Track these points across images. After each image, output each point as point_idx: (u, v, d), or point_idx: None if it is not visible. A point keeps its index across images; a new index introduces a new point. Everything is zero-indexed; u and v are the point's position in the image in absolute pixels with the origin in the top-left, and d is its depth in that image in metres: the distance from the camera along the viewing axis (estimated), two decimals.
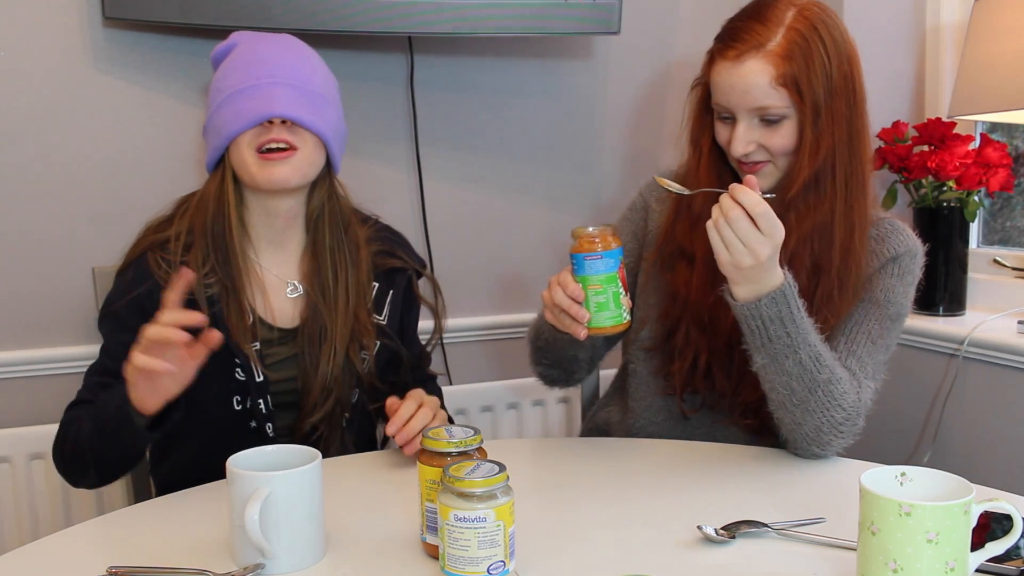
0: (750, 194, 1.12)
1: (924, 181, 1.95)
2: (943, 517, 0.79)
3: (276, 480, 0.93)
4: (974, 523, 0.82)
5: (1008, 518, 0.85)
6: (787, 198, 1.26)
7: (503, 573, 0.87)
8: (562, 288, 1.18)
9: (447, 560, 0.87)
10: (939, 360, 1.92)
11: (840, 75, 1.25)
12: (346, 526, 1.05)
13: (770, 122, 1.25)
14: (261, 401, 1.32)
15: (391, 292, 1.45)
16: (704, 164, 1.34)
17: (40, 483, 1.78)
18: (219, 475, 1.13)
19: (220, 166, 1.35)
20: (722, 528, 1.01)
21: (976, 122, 2.04)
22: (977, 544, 0.84)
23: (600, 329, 1.18)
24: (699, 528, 1.00)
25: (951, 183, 1.91)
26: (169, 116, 1.85)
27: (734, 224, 1.12)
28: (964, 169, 1.88)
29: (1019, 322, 1.79)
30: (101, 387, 1.29)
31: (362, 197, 1.49)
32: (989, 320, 1.87)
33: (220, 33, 1.45)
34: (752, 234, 1.11)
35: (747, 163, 1.29)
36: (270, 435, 1.34)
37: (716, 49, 1.28)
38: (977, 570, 0.87)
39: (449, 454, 0.93)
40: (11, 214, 1.76)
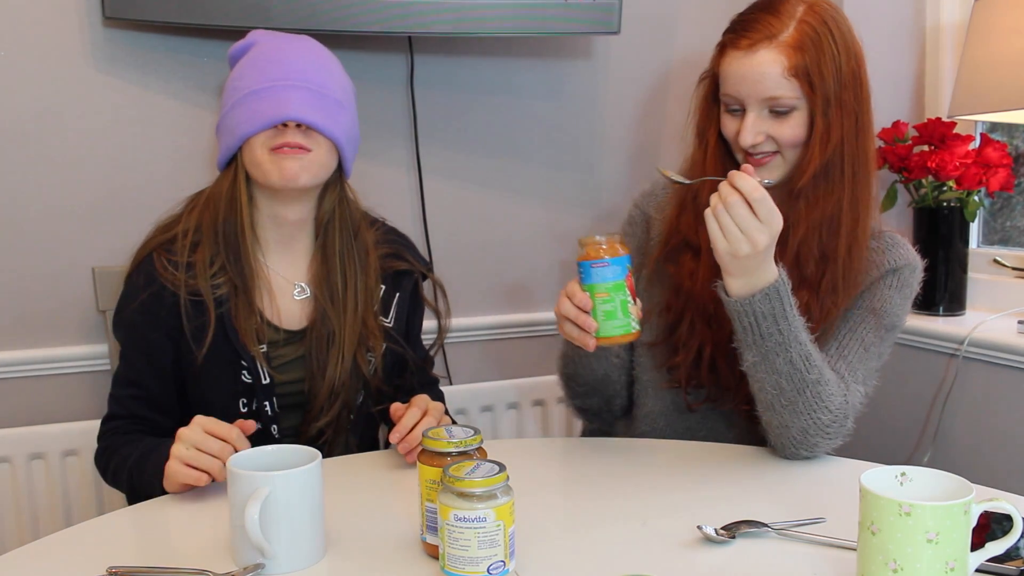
0: (748, 180, 1.12)
1: (924, 181, 1.95)
2: (943, 517, 0.79)
3: (276, 480, 0.93)
4: (974, 523, 0.82)
5: (1008, 518, 0.85)
6: (798, 187, 1.27)
7: (503, 573, 0.87)
8: (569, 298, 1.17)
9: (447, 560, 0.87)
10: (939, 360, 1.92)
11: (849, 70, 1.25)
12: (346, 526, 1.05)
13: (780, 113, 1.25)
14: (267, 403, 1.32)
15: (397, 295, 1.44)
16: (710, 156, 1.34)
17: (40, 483, 1.77)
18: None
19: (232, 165, 1.34)
20: (722, 528, 1.01)
21: (976, 122, 2.03)
22: (977, 544, 0.84)
23: (609, 339, 1.17)
24: (699, 528, 1.00)
25: (951, 183, 1.91)
26: (169, 116, 1.85)
27: (732, 210, 1.12)
28: (964, 169, 1.88)
29: (1019, 322, 1.79)
30: (132, 400, 1.33)
31: (362, 197, 1.49)
32: (989, 320, 1.87)
33: (220, 33, 1.45)
34: (750, 221, 1.11)
35: (755, 154, 1.28)
36: (275, 436, 1.34)
37: (727, 40, 1.28)
38: (977, 570, 0.87)
39: (449, 454, 0.93)
40: (11, 214, 1.76)
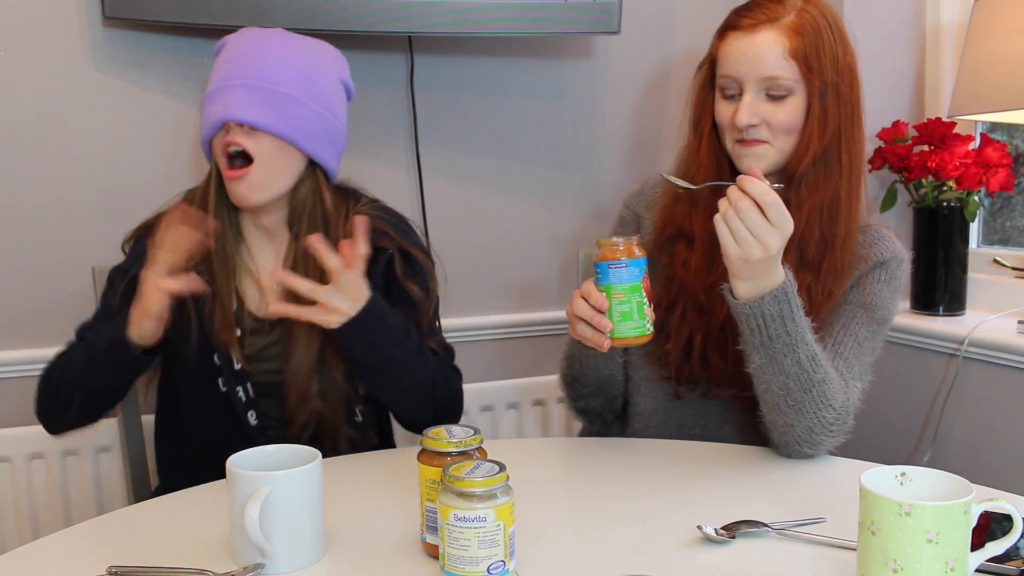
0: (758, 184, 1.12)
1: (924, 181, 1.95)
2: (943, 517, 0.79)
3: (276, 480, 0.93)
4: (974, 523, 0.82)
5: (1008, 518, 0.85)
6: (798, 172, 1.28)
7: (503, 573, 0.87)
8: (585, 299, 1.17)
9: (447, 560, 0.87)
10: (939, 360, 1.92)
11: (845, 64, 1.29)
12: (346, 526, 1.05)
13: (776, 97, 1.27)
14: (240, 388, 1.35)
15: (372, 274, 1.38)
16: (705, 146, 1.35)
17: (40, 483, 1.77)
18: (219, 474, 1.13)
19: (211, 167, 1.40)
20: (722, 528, 1.01)
21: (976, 122, 2.03)
22: (977, 544, 0.84)
23: (623, 340, 1.17)
24: (699, 528, 1.00)
25: (951, 183, 1.91)
26: (169, 116, 1.85)
27: (743, 215, 1.11)
28: (964, 169, 1.88)
29: (1019, 322, 1.79)
30: (98, 324, 1.36)
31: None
32: (989, 320, 1.87)
33: (219, 33, 1.45)
34: (762, 225, 1.11)
35: (746, 139, 1.29)
36: (252, 423, 1.35)
37: (729, 22, 1.31)
38: (977, 570, 0.87)
39: (449, 454, 0.93)
40: (11, 214, 1.76)
